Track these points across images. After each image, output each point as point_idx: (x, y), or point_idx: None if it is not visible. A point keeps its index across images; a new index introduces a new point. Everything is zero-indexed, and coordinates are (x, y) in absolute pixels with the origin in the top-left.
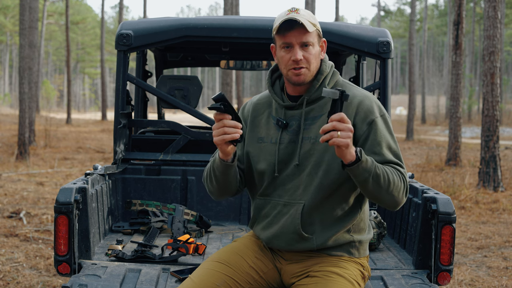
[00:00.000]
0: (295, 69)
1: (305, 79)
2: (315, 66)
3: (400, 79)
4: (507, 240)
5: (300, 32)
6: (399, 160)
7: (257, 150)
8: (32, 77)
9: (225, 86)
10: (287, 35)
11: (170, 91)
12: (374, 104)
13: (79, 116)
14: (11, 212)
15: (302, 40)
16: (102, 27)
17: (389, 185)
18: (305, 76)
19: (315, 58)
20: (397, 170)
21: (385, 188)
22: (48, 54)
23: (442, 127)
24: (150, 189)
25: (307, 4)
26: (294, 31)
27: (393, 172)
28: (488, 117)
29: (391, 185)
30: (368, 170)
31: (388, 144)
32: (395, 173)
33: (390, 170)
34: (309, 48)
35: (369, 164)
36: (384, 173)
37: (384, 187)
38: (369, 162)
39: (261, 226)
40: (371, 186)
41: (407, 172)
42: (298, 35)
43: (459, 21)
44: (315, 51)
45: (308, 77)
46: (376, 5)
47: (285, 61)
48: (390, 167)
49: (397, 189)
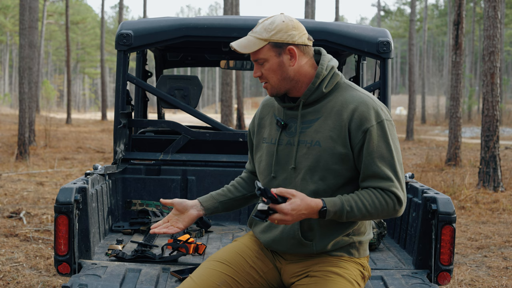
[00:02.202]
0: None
1: (273, 92)
2: (278, 79)
3: (400, 79)
4: (507, 240)
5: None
6: (392, 171)
7: (261, 150)
8: (32, 77)
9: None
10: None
11: (170, 91)
12: (372, 111)
13: (79, 116)
14: (11, 212)
15: (253, 58)
16: (102, 27)
17: (369, 215)
18: (272, 89)
19: (274, 71)
20: (381, 190)
21: (366, 218)
22: (48, 54)
23: (442, 127)
24: (150, 189)
25: (307, 4)
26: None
27: (375, 199)
28: (488, 117)
29: (371, 215)
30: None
31: (381, 155)
32: (379, 198)
33: (371, 198)
34: (264, 64)
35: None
36: (360, 209)
37: (365, 218)
38: (337, 214)
39: (260, 228)
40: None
41: (407, 172)
42: (251, 54)
43: (459, 21)
44: (271, 65)
45: (276, 89)
46: (376, 5)
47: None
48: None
49: (380, 214)
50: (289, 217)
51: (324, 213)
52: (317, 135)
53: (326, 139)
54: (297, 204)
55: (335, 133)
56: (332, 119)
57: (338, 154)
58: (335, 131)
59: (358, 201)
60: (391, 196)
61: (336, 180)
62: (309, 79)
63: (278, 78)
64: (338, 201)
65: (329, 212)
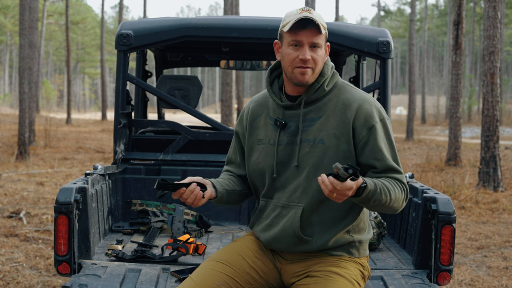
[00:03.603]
0: (301, 68)
1: (309, 79)
2: (319, 68)
3: (400, 79)
4: (507, 240)
5: (312, 33)
6: (398, 165)
7: (257, 152)
8: (32, 77)
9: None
10: (299, 33)
11: (170, 91)
12: (374, 108)
13: (79, 116)
14: (11, 212)
15: (313, 41)
16: (102, 27)
17: (390, 201)
18: (309, 76)
19: (322, 60)
20: (397, 180)
21: (387, 204)
22: (48, 54)
23: (442, 127)
24: (150, 189)
25: (307, 4)
26: (307, 30)
27: (395, 186)
28: (488, 117)
29: (392, 201)
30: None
31: (388, 149)
32: (396, 186)
33: (391, 185)
34: (317, 49)
35: (370, 195)
36: (386, 193)
37: (385, 205)
38: (370, 193)
39: (261, 227)
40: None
41: (407, 172)
42: (310, 35)
43: (459, 21)
44: (322, 53)
45: (311, 78)
46: (376, 5)
47: (291, 59)
48: (390, 180)
49: (397, 202)
50: (351, 192)
51: (363, 190)
52: (320, 133)
53: (329, 137)
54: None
55: (339, 130)
56: (335, 117)
57: (342, 151)
58: (338, 129)
59: (384, 187)
60: (403, 187)
61: None
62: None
63: (320, 67)
64: (372, 182)
65: (367, 189)
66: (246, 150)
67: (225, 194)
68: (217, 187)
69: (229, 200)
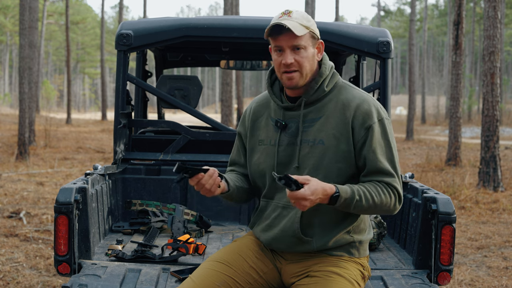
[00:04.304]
0: (287, 73)
1: (298, 82)
2: (309, 69)
3: (400, 79)
4: (507, 240)
5: (290, 36)
6: (393, 167)
7: (258, 153)
8: (32, 77)
9: (225, 86)
10: (278, 38)
11: (170, 91)
12: (373, 108)
13: (79, 116)
14: (11, 212)
15: (292, 44)
16: (102, 27)
17: (375, 207)
18: (297, 80)
19: (308, 61)
20: (387, 184)
21: (371, 210)
22: (48, 54)
23: (442, 127)
24: (150, 189)
25: (307, 4)
26: (284, 35)
27: (381, 192)
28: (488, 117)
29: (377, 207)
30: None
31: (383, 151)
32: (383, 191)
33: (376, 190)
34: (300, 51)
35: (347, 202)
36: (368, 199)
37: (370, 210)
38: (347, 200)
39: (261, 227)
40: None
41: (407, 172)
42: (288, 39)
43: (459, 21)
44: (307, 54)
45: (301, 80)
46: (376, 5)
47: (277, 64)
48: (378, 184)
49: (385, 206)
50: (308, 202)
51: (336, 199)
52: (320, 134)
53: (329, 138)
54: (315, 188)
55: (338, 131)
56: (335, 118)
57: (342, 152)
58: (338, 129)
59: (366, 192)
60: (394, 191)
61: (339, 178)
62: (312, 77)
63: (309, 68)
64: (349, 189)
65: (341, 198)
66: (248, 151)
67: (235, 190)
68: (228, 182)
69: (238, 196)
